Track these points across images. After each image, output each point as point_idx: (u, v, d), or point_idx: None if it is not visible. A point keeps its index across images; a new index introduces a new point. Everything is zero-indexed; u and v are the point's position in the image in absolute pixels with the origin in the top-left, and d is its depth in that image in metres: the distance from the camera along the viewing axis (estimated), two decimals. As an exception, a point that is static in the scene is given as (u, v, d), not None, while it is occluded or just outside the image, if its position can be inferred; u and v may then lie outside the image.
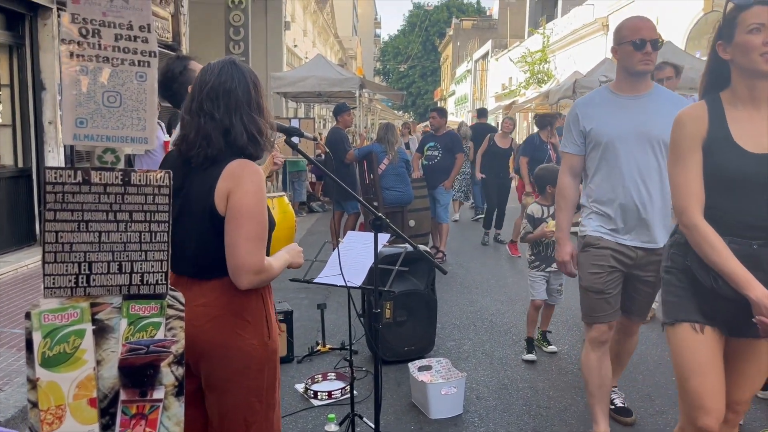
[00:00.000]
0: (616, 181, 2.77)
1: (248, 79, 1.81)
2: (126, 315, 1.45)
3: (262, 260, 1.75)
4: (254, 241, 1.72)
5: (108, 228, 1.43)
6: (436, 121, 7.68)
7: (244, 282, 1.74)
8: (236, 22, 11.93)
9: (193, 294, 1.78)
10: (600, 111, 2.82)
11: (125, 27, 1.33)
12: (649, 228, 2.77)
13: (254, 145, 1.80)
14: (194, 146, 1.76)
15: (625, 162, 2.74)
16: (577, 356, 4.27)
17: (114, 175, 1.40)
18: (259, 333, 1.84)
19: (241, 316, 1.81)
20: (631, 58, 2.71)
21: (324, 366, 4.07)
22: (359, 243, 3.23)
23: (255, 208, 1.72)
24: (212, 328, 1.76)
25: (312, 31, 21.81)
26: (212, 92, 1.76)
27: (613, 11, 18.01)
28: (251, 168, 1.75)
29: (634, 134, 2.73)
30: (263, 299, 1.88)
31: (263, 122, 1.82)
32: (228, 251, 1.73)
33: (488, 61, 37.60)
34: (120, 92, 1.38)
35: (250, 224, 1.71)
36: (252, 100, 1.80)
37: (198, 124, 1.76)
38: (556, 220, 3.00)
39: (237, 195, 1.71)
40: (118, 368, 1.44)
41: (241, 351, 1.80)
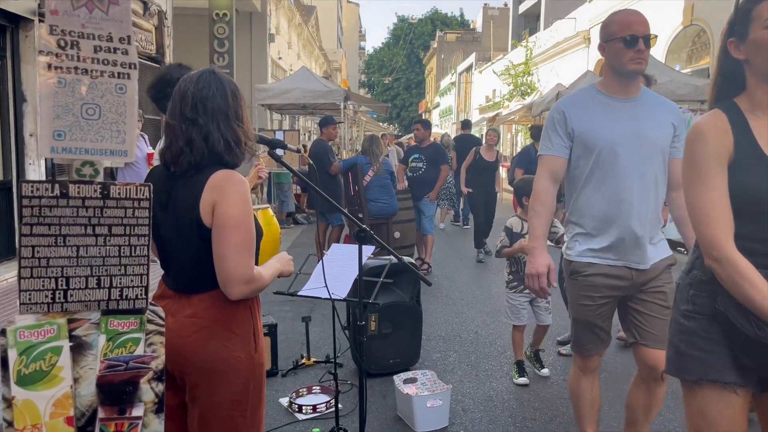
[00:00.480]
0: (612, 195, 2.43)
1: (227, 88, 1.80)
2: (104, 331, 1.42)
3: (251, 270, 1.74)
4: (243, 251, 1.71)
5: (86, 242, 1.40)
6: (421, 132, 7.70)
7: (235, 292, 1.72)
8: (221, 34, 11.92)
9: (180, 305, 1.78)
10: (590, 113, 2.48)
11: (105, 39, 1.31)
12: (643, 248, 2.45)
13: (231, 153, 1.79)
14: (179, 152, 1.75)
15: (624, 173, 2.40)
16: (561, 367, 4.28)
17: (93, 188, 1.37)
18: (246, 346, 1.83)
19: (229, 328, 1.79)
20: (620, 56, 2.38)
21: (309, 379, 4.03)
22: (344, 255, 3.22)
23: (241, 218, 1.72)
24: (199, 339, 1.75)
25: (297, 44, 21.85)
26: (191, 100, 1.75)
27: (594, 24, 18.27)
28: (235, 178, 1.75)
29: (633, 141, 2.41)
30: (251, 312, 1.87)
31: (242, 131, 1.81)
32: (217, 263, 1.71)
33: (472, 73, 37.93)
34: (99, 104, 1.36)
35: (237, 234, 1.70)
36: (230, 109, 1.79)
37: (180, 130, 1.75)
38: (530, 226, 2.56)
39: (222, 206, 1.70)
40: (96, 385, 1.41)
41: (227, 363, 1.78)
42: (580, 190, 2.52)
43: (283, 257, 2.03)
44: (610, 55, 2.45)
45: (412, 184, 7.41)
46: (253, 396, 1.87)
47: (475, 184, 8.16)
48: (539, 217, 2.55)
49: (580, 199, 2.53)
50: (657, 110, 2.50)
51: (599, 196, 2.46)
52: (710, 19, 11.94)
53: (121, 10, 1.31)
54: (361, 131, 20.68)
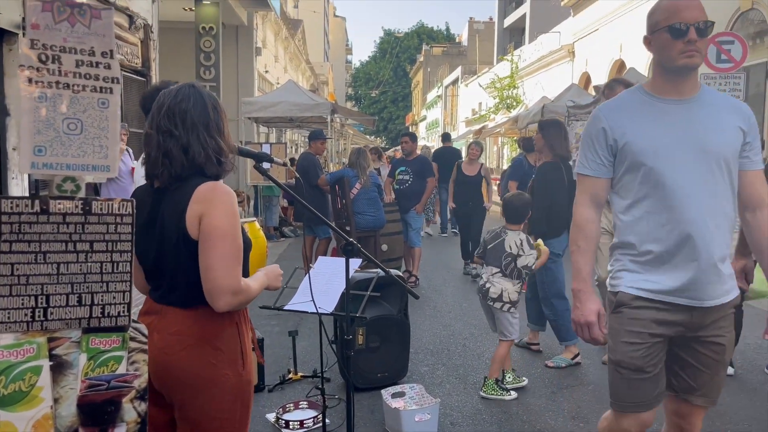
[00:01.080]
0: (667, 215, 2.01)
1: (206, 101, 1.80)
2: (85, 349, 1.39)
3: (238, 281, 1.72)
4: (230, 262, 1.69)
5: (67, 259, 1.38)
6: (409, 145, 7.77)
7: (222, 304, 1.70)
8: (207, 48, 11.91)
9: (167, 321, 1.75)
10: (636, 119, 2.07)
11: (87, 53, 1.30)
12: (709, 283, 2.01)
13: (212, 165, 1.78)
14: (157, 164, 1.74)
15: (682, 191, 1.99)
16: (550, 379, 4.27)
17: (74, 204, 1.35)
18: (233, 363, 1.81)
19: (215, 346, 1.77)
20: (668, 49, 1.98)
21: (296, 394, 3.99)
22: (330, 269, 3.20)
23: (228, 229, 1.70)
24: (186, 358, 1.73)
25: (283, 57, 21.89)
26: (169, 112, 1.74)
27: (578, 38, 18.53)
28: (222, 189, 1.74)
29: (692, 151, 2.00)
30: (238, 329, 1.85)
31: (222, 143, 1.80)
32: (203, 274, 1.69)
33: (458, 86, 38.23)
34: (81, 119, 1.35)
35: (224, 245, 1.68)
36: (210, 121, 1.79)
37: (158, 142, 1.74)
38: (574, 265, 2.17)
39: (209, 217, 1.69)
40: (76, 406, 1.38)
41: (215, 381, 1.76)
42: (627, 209, 2.10)
43: (272, 270, 2.00)
44: (657, 49, 2.04)
45: (398, 197, 7.43)
46: (241, 413, 1.85)
47: (458, 198, 8.08)
48: (583, 253, 2.15)
49: (628, 220, 2.10)
50: (721, 112, 2.07)
51: (653, 219, 2.04)
52: (691, 33, 12.13)
53: (104, 24, 1.30)
54: (348, 144, 20.70)
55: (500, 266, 3.99)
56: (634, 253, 2.08)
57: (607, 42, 16.26)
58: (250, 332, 1.93)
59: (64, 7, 1.28)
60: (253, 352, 3.97)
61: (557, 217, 4.51)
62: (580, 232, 2.16)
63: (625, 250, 2.12)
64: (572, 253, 2.18)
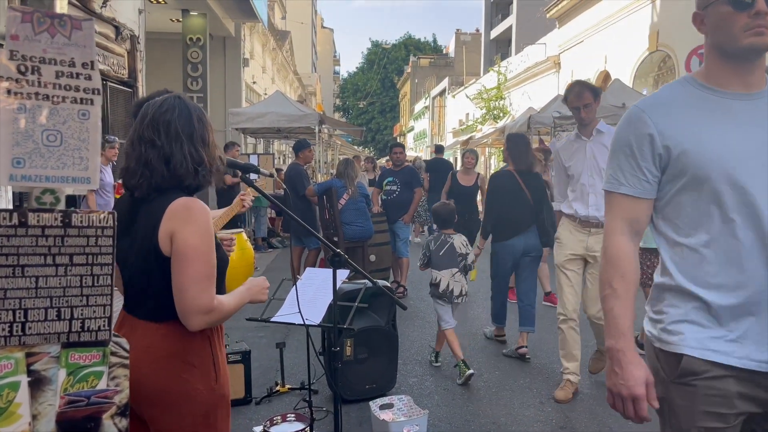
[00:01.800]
0: (747, 251, 1.48)
1: (191, 112, 1.79)
2: (65, 365, 1.36)
3: (211, 301, 1.69)
4: (201, 282, 1.67)
5: (46, 272, 1.35)
6: (403, 156, 7.81)
7: (195, 323, 1.68)
8: (194, 59, 11.90)
9: (137, 336, 1.72)
10: (694, 120, 1.55)
11: (67, 64, 1.28)
12: None
13: (195, 176, 1.76)
14: (136, 175, 1.72)
15: (762, 214, 1.47)
16: (539, 389, 4.27)
17: (53, 216, 1.33)
18: (206, 377, 1.77)
19: (186, 360, 1.74)
20: (729, 25, 1.49)
21: (283, 407, 3.95)
22: (318, 280, 3.19)
23: (200, 248, 1.67)
24: (155, 372, 1.70)
25: (271, 68, 21.90)
26: (153, 122, 1.74)
27: (563, 50, 18.73)
28: (195, 206, 1.71)
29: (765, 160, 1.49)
30: (210, 341, 1.81)
31: (207, 154, 1.79)
32: (175, 294, 1.67)
33: (445, 97, 38.46)
34: (61, 131, 1.33)
35: (196, 265, 1.66)
36: (195, 132, 1.77)
37: (139, 153, 1.73)
38: (608, 313, 1.61)
39: (181, 235, 1.66)
40: (55, 422, 1.35)
41: (186, 396, 1.73)
42: (684, 237, 1.57)
43: (257, 284, 1.97)
44: (712, 26, 1.55)
45: (386, 207, 7.42)
46: (215, 429, 1.81)
47: None
48: (620, 298, 1.59)
49: (686, 253, 1.57)
50: None
51: (722, 252, 1.51)
52: (675, 45, 12.32)
53: (85, 35, 1.29)
54: (337, 155, 20.71)
55: (457, 266, 4.53)
56: (696, 295, 1.53)
57: (592, 53, 16.46)
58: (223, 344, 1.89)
59: (44, 18, 1.26)
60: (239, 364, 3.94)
61: (501, 223, 5.03)
62: (614, 270, 1.61)
63: (681, 290, 1.56)
64: (605, 298, 1.62)
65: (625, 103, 9.48)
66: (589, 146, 3.99)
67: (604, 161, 3.56)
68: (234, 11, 13.26)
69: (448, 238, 4.58)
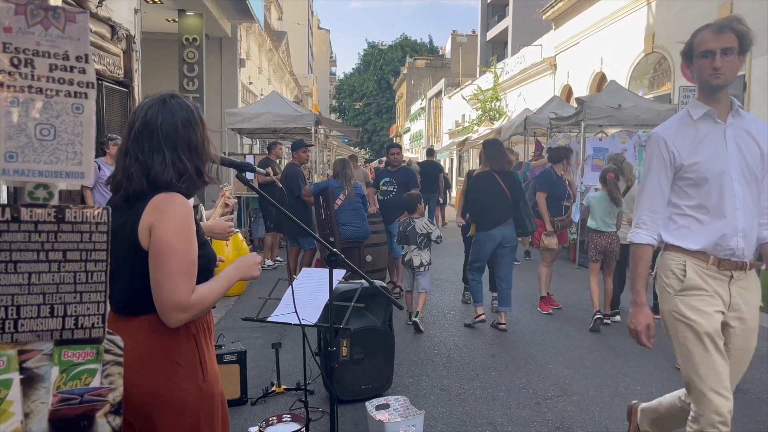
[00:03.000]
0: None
1: (176, 117, 1.76)
2: (58, 362, 1.34)
3: (187, 297, 1.66)
4: (178, 278, 1.64)
5: (39, 268, 1.33)
6: (400, 156, 7.81)
7: (172, 320, 1.66)
8: (190, 59, 11.85)
9: (123, 335, 1.68)
10: None
11: (61, 57, 1.27)
12: None
13: (179, 182, 1.74)
14: (119, 186, 1.73)
15: None
16: (535, 390, 4.26)
17: (46, 211, 1.31)
18: (193, 377, 1.75)
19: (172, 360, 1.72)
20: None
21: (279, 407, 3.93)
22: (314, 280, 3.18)
23: (177, 243, 1.65)
24: (141, 374, 1.66)
25: (267, 69, 21.86)
26: (138, 130, 1.73)
27: (559, 51, 18.76)
28: (175, 200, 1.69)
29: None
30: (196, 340, 1.78)
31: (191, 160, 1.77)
32: (153, 289, 1.65)
33: (441, 98, 38.46)
34: (54, 125, 1.31)
35: (173, 260, 1.63)
36: (179, 138, 1.75)
37: (124, 164, 1.73)
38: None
39: (159, 229, 1.64)
40: (48, 421, 1.33)
41: (174, 397, 1.70)
42: None
43: (245, 261, 1.91)
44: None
45: (383, 208, 7.41)
46: (206, 428, 1.78)
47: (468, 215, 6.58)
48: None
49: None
50: None
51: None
52: (671, 47, 12.35)
53: (79, 28, 1.27)
54: (333, 155, 20.67)
55: (417, 244, 5.80)
56: None
57: (588, 55, 16.48)
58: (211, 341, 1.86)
59: (37, 11, 1.25)
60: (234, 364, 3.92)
61: (483, 215, 5.74)
62: None
63: None
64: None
65: (620, 105, 9.48)
66: (729, 133, 2.49)
67: (753, 159, 2.47)
68: (230, 12, 13.22)
69: (411, 221, 5.86)
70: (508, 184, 5.67)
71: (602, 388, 4.29)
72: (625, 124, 9.98)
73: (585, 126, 9.67)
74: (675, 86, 11.30)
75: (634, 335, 2.53)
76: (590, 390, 4.26)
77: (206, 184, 1.84)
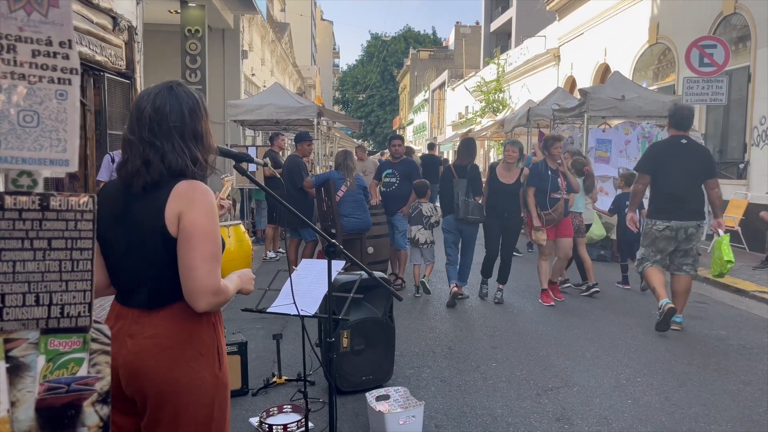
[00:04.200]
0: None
1: (183, 106, 1.77)
2: (44, 351, 1.33)
3: (219, 280, 1.69)
4: (211, 262, 1.67)
5: (23, 257, 1.31)
6: (402, 148, 7.78)
7: (203, 304, 1.67)
8: (193, 50, 11.81)
9: (141, 326, 1.71)
10: None
11: (44, 43, 1.25)
12: None
13: (189, 170, 1.75)
14: (136, 172, 1.71)
15: None
16: (536, 381, 4.25)
17: (31, 199, 1.29)
18: (211, 365, 1.77)
19: (193, 347, 1.74)
20: None
21: (280, 398, 3.93)
22: (313, 271, 3.16)
23: (209, 228, 1.68)
24: (162, 361, 1.69)
25: (270, 60, 21.79)
26: (148, 120, 1.72)
27: (563, 42, 18.63)
28: (201, 188, 1.71)
29: None
30: (215, 328, 1.81)
31: (199, 149, 1.78)
32: (184, 274, 1.66)
33: (445, 90, 38.32)
34: (38, 111, 1.29)
35: (205, 244, 1.66)
36: (186, 128, 1.76)
37: (138, 150, 1.72)
38: None
39: (189, 215, 1.66)
40: (35, 410, 1.32)
41: (192, 384, 1.72)
42: None
43: (245, 274, 1.97)
44: None
45: (385, 200, 7.39)
46: (218, 415, 1.80)
47: (490, 209, 6.61)
48: None
49: None
50: None
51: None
52: (675, 38, 12.25)
53: (62, 13, 1.25)
54: (335, 147, 20.64)
55: (422, 224, 6.81)
56: None
57: (592, 46, 16.37)
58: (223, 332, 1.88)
59: (20, -5, 1.23)
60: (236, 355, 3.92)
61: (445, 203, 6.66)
62: None
63: None
64: None
65: (624, 96, 9.41)
66: None
67: None
68: (233, 3, 13.17)
69: (419, 205, 6.84)
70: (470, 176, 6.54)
71: (603, 380, 4.27)
72: (628, 116, 9.92)
73: (588, 117, 9.61)
74: (679, 77, 11.21)
75: None
76: (591, 381, 4.24)
77: (210, 174, 1.85)
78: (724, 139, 11.12)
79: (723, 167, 11.00)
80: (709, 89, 9.36)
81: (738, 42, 10.53)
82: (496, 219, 6.63)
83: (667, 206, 5.37)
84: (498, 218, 6.62)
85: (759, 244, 9.07)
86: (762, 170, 9.78)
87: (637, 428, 3.54)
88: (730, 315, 6.17)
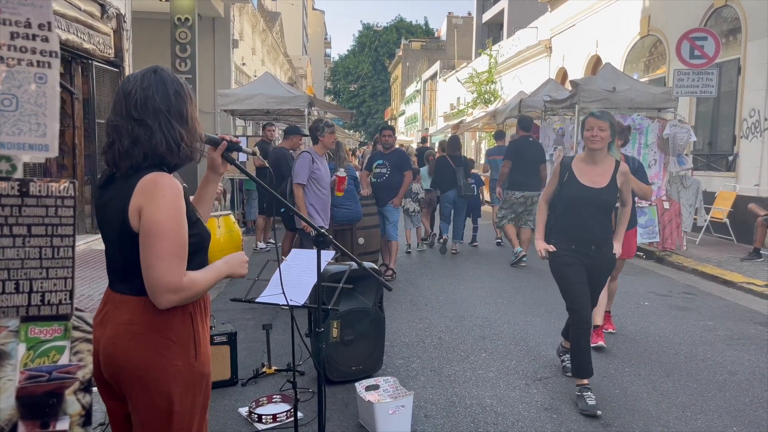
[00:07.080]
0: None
1: (168, 87, 1.75)
2: (24, 339, 1.31)
3: (179, 279, 1.65)
4: (168, 260, 1.63)
5: (2, 243, 1.29)
6: (393, 139, 7.75)
7: (163, 301, 1.65)
8: (182, 39, 11.69)
9: (120, 311, 1.71)
10: None
11: (23, 25, 1.22)
12: None
13: (172, 154, 1.73)
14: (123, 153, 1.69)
15: None
16: (524, 371, 4.27)
17: (9, 185, 1.26)
18: (185, 354, 1.74)
19: (165, 335, 1.71)
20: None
21: (269, 388, 3.93)
22: (302, 261, 3.14)
23: (167, 224, 1.63)
24: (133, 348, 1.67)
25: (261, 50, 21.62)
26: (136, 100, 1.71)
27: (555, 34, 18.62)
28: (164, 181, 1.67)
29: None
30: (191, 318, 1.78)
31: (184, 130, 1.76)
32: (143, 271, 1.64)
33: (437, 81, 38.22)
34: (16, 95, 1.26)
35: (163, 242, 1.62)
36: (172, 108, 1.74)
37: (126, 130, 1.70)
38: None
39: (148, 211, 1.63)
40: (16, 398, 1.30)
41: (164, 372, 1.70)
42: None
43: (236, 258, 1.92)
44: None
45: (376, 190, 7.37)
46: (192, 405, 1.78)
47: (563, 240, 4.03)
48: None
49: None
50: None
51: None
52: (666, 30, 12.26)
53: (41, -7, 1.22)
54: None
55: (411, 197, 8.87)
56: None
57: (584, 38, 16.36)
58: (207, 322, 1.86)
59: (-3, -25, 1.20)
60: (225, 345, 3.90)
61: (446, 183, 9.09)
62: None
63: None
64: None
65: (615, 87, 9.42)
66: None
67: None
68: (223, -9, 13.04)
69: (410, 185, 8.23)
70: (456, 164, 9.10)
71: (592, 370, 4.29)
72: (619, 107, 9.92)
73: (579, 109, 9.61)
74: (670, 69, 11.23)
75: None
76: (579, 371, 4.25)
77: (197, 159, 1.83)
78: (713, 132, 11.17)
79: (712, 159, 11.06)
80: (699, 81, 9.37)
81: (729, 34, 10.55)
82: (577, 256, 3.87)
83: (521, 182, 8.26)
84: (582, 255, 3.87)
85: (747, 236, 9.14)
86: (751, 162, 9.84)
87: (624, 417, 3.56)
88: (718, 306, 6.22)
